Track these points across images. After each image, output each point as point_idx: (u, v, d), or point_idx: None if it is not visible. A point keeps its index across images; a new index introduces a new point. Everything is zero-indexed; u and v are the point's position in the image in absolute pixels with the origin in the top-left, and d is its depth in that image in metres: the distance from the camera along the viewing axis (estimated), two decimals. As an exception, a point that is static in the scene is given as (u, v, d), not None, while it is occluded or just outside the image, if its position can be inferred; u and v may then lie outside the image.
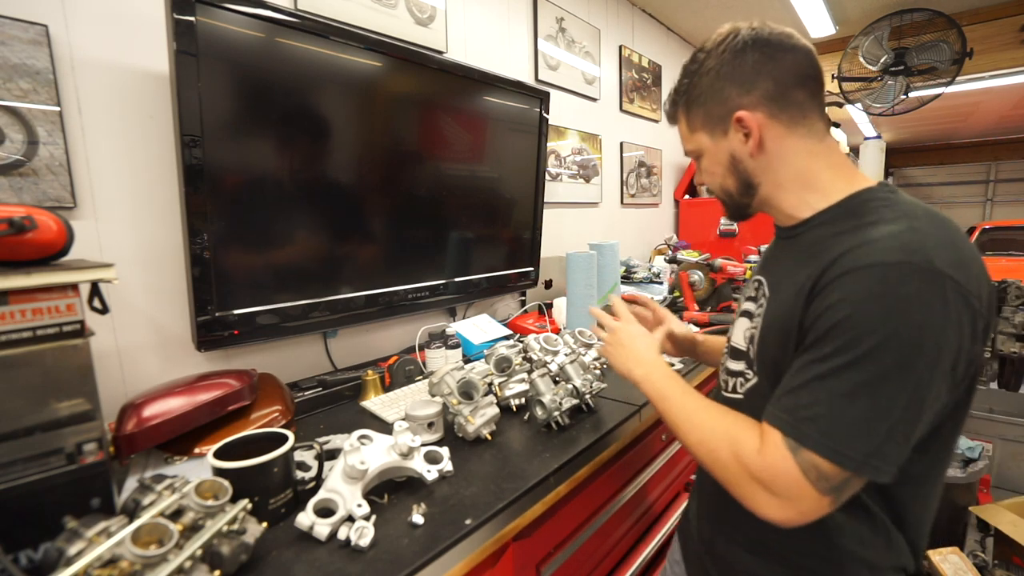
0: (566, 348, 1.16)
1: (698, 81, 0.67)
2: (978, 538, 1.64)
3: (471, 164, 1.54)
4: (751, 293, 0.73)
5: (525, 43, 1.98)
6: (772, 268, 0.70)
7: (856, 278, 0.52)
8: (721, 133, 0.67)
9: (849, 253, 0.54)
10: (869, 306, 0.50)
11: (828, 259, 0.56)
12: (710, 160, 0.70)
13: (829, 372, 0.52)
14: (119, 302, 0.99)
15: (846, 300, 0.51)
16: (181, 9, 0.88)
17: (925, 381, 0.49)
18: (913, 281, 0.49)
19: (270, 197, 1.08)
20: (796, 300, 0.58)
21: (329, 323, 1.23)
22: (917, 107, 2.92)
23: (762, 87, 0.63)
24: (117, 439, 0.75)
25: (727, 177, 0.69)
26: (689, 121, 0.71)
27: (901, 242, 0.52)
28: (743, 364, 0.70)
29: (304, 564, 0.61)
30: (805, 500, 0.52)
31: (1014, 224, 5.90)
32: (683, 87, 0.70)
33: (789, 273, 0.63)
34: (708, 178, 0.72)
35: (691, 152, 0.73)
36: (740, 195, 0.70)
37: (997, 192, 8.65)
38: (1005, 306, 1.90)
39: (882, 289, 0.50)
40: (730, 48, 0.64)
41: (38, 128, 0.88)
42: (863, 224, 0.57)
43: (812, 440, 0.51)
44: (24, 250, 0.59)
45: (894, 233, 0.53)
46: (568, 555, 0.91)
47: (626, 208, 2.73)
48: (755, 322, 0.68)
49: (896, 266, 0.50)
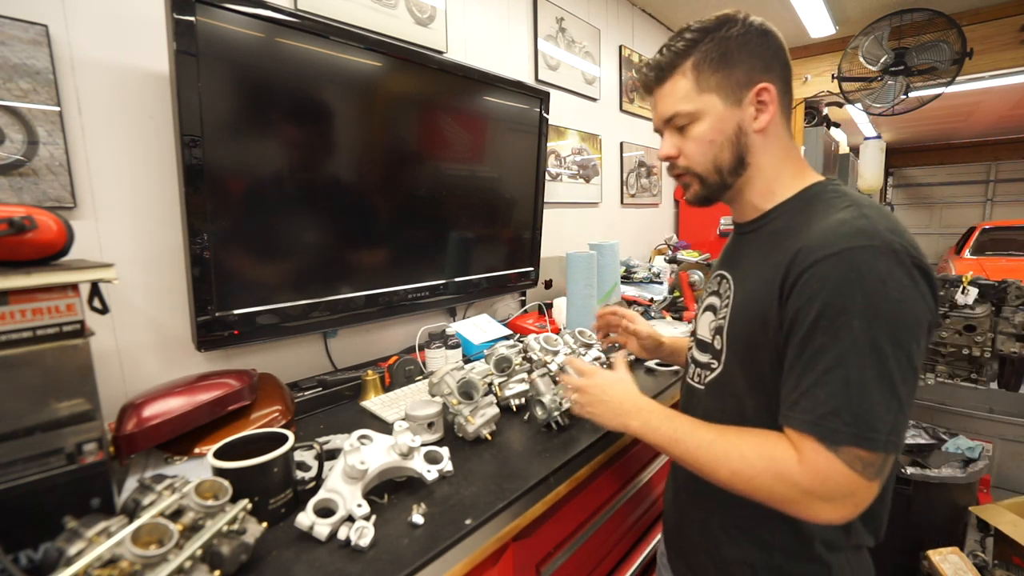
0: (566, 348, 1.16)
1: (722, 43, 0.64)
2: (978, 538, 1.64)
3: (471, 164, 1.54)
4: (714, 288, 0.76)
5: (525, 43, 1.98)
6: (734, 262, 0.73)
7: (828, 266, 0.54)
8: (736, 101, 0.66)
9: (812, 241, 0.57)
10: (849, 291, 0.53)
11: (793, 248, 0.59)
12: (712, 127, 0.66)
13: (834, 363, 0.53)
14: (119, 302, 0.99)
15: (824, 289, 0.54)
16: (181, 9, 0.88)
17: (914, 351, 0.53)
18: (880, 262, 0.52)
19: (270, 197, 1.08)
20: (767, 289, 0.61)
21: (329, 323, 1.23)
22: (917, 107, 2.92)
23: (777, 71, 0.66)
24: (117, 439, 0.75)
25: (725, 148, 0.67)
26: (700, 80, 0.66)
27: (857, 227, 0.55)
28: (709, 355, 0.73)
29: (304, 564, 0.61)
30: (859, 491, 0.53)
31: (1014, 224, 5.90)
32: (692, 42, 0.65)
33: (754, 265, 0.67)
34: (699, 147, 0.67)
35: (686, 115, 0.67)
36: (729, 172, 0.68)
37: (997, 192, 8.65)
38: (1005, 306, 1.90)
39: (856, 274, 0.53)
40: (754, 26, 0.66)
41: (38, 128, 0.88)
42: (819, 213, 0.61)
43: (845, 435, 0.52)
44: (24, 250, 0.59)
45: (847, 219, 0.57)
46: (568, 555, 0.90)
47: (626, 208, 2.73)
48: (721, 314, 0.70)
49: (861, 250, 0.53)
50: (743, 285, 0.68)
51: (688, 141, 0.69)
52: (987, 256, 5.37)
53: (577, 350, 1.16)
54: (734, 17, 0.66)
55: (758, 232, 0.70)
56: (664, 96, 0.69)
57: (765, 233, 0.68)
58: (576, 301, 1.58)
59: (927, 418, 2.10)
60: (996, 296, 1.92)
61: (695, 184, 0.71)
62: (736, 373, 0.68)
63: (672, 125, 0.70)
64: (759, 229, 0.70)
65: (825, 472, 0.53)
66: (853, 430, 0.52)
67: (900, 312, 0.52)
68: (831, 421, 0.53)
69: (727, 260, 0.76)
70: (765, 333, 0.62)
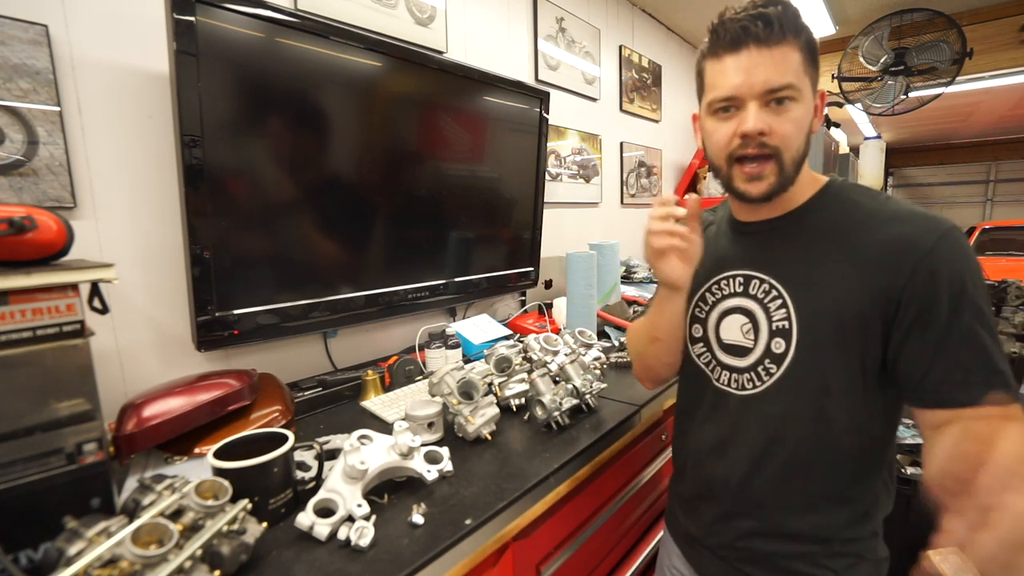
0: (566, 348, 1.16)
1: (810, 33, 0.62)
2: (978, 538, 1.64)
3: (471, 164, 1.54)
4: (734, 290, 0.73)
5: (525, 43, 1.98)
6: (767, 262, 0.70)
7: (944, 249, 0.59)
8: (812, 96, 0.64)
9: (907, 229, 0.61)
10: (964, 269, 0.59)
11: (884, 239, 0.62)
12: (807, 113, 0.63)
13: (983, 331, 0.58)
14: (119, 302, 0.99)
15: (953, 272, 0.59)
16: (181, 9, 0.88)
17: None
18: (965, 240, 0.61)
19: (270, 197, 1.08)
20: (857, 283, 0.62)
21: (329, 323, 1.23)
22: (917, 107, 2.92)
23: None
24: (117, 439, 0.75)
25: (805, 140, 0.64)
26: (805, 63, 0.62)
27: (922, 213, 0.63)
28: (752, 359, 0.70)
29: (304, 564, 0.61)
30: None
31: (1014, 224, 5.90)
32: (802, 24, 0.62)
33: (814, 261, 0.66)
34: (795, 129, 0.62)
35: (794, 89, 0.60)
36: (798, 166, 0.65)
37: (997, 192, 8.65)
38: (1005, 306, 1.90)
39: (963, 252, 0.60)
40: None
41: (38, 128, 0.88)
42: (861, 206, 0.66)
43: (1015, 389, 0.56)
44: (24, 250, 0.59)
45: (909, 208, 0.64)
46: (568, 555, 0.90)
47: (626, 208, 2.73)
48: (778, 316, 0.67)
49: (952, 230, 0.61)
50: (806, 284, 0.66)
51: (785, 121, 0.61)
52: (987, 256, 5.37)
53: (577, 350, 1.16)
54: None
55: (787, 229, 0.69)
56: (777, 61, 0.60)
57: (807, 229, 0.68)
58: (576, 301, 1.58)
59: (927, 418, 2.09)
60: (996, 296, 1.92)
61: (772, 174, 0.63)
62: (812, 374, 0.65)
63: (772, 97, 0.61)
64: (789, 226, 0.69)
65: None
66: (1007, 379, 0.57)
67: (983, 279, 0.61)
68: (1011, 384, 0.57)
69: (745, 260, 0.72)
70: (861, 324, 0.62)
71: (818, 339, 0.65)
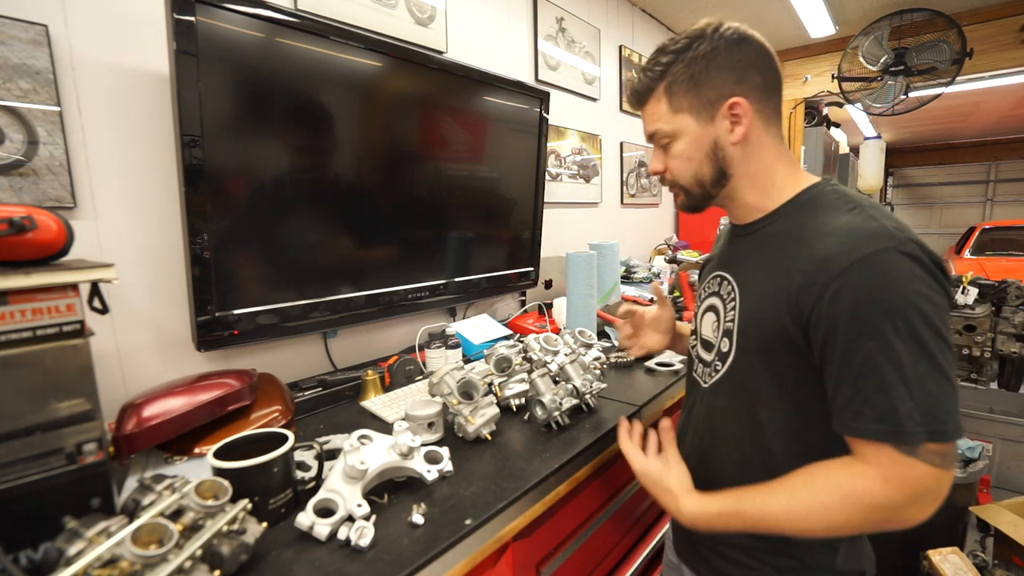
0: (566, 348, 1.16)
1: (691, 63, 0.66)
2: (978, 538, 1.64)
3: (471, 164, 1.54)
4: (713, 289, 0.77)
5: (525, 43, 1.98)
6: (735, 264, 0.74)
7: (856, 273, 0.55)
8: (708, 118, 0.68)
9: (831, 248, 0.58)
10: (884, 294, 0.54)
11: (802, 255, 0.60)
12: (690, 144, 0.69)
13: (888, 366, 0.54)
14: (119, 302, 0.99)
15: (860, 296, 0.55)
16: (181, 9, 0.88)
17: (949, 337, 0.55)
18: (902, 261, 0.55)
19: (270, 197, 1.08)
20: (781, 294, 0.62)
21: (329, 323, 1.23)
22: (917, 107, 2.92)
23: (753, 80, 0.66)
24: (117, 439, 0.75)
25: (704, 164, 0.69)
26: (673, 101, 0.69)
27: (871, 230, 0.57)
28: (713, 355, 0.74)
29: (304, 564, 0.61)
30: (942, 484, 0.55)
31: (1014, 224, 5.91)
32: (666, 66, 0.68)
33: (760, 268, 0.67)
34: (680, 164, 0.71)
35: (665, 135, 0.70)
36: (711, 184, 0.71)
37: (997, 192, 8.65)
38: (1005, 306, 1.90)
39: (885, 276, 0.54)
40: (726, 37, 0.66)
41: (38, 128, 0.88)
42: (823, 215, 0.62)
43: (919, 434, 0.53)
44: (24, 250, 0.59)
45: (858, 223, 0.58)
46: (568, 555, 0.90)
47: (626, 208, 2.73)
48: (727, 317, 0.71)
49: (883, 252, 0.55)
50: (750, 288, 0.68)
51: (671, 158, 0.72)
52: (987, 256, 5.38)
53: (577, 350, 1.16)
54: (703, 33, 0.67)
55: (756, 235, 0.70)
56: (646, 116, 0.73)
57: (765, 235, 0.69)
58: (576, 301, 1.58)
59: (927, 418, 2.09)
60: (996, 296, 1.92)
61: (681, 195, 0.75)
62: (746, 374, 0.68)
63: (656, 143, 0.74)
64: (757, 231, 0.70)
65: (911, 479, 0.54)
66: (925, 428, 0.52)
67: (931, 306, 0.54)
68: (903, 425, 0.53)
69: (725, 261, 0.77)
70: (784, 337, 0.62)
71: (749, 344, 0.67)
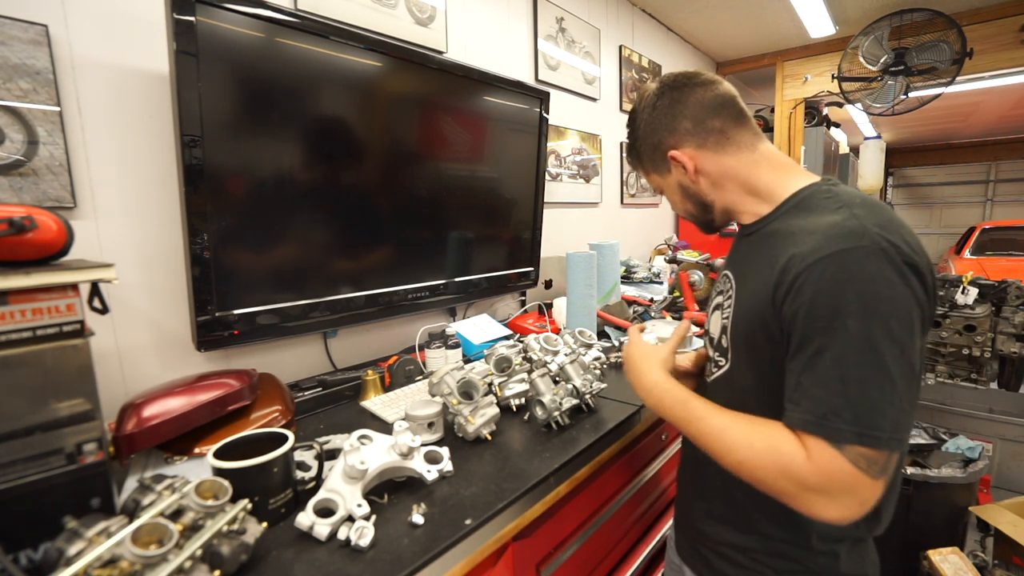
0: (566, 348, 1.16)
1: (637, 136, 0.80)
2: (978, 538, 1.64)
3: (471, 164, 1.54)
4: (721, 287, 0.79)
5: (525, 43, 1.98)
6: (736, 263, 0.76)
7: (819, 269, 0.56)
8: (667, 170, 0.78)
9: (804, 246, 0.59)
10: (841, 292, 0.54)
11: (784, 252, 0.61)
12: (669, 193, 0.82)
13: (832, 362, 0.54)
14: (119, 302, 0.99)
15: (819, 292, 0.56)
16: (181, 9, 0.88)
17: (909, 347, 0.54)
18: (869, 261, 0.54)
19: (270, 197, 1.08)
20: (763, 291, 0.63)
21: (329, 323, 1.23)
22: (917, 107, 2.92)
23: (682, 126, 0.74)
24: (117, 439, 0.75)
25: (686, 203, 0.80)
26: (643, 168, 0.83)
27: (847, 229, 0.57)
28: (718, 353, 0.76)
29: (304, 564, 0.61)
30: (863, 489, 0.54)
31: (1014, 224, 5.90)
32: (630, 143, 0.83)
33: (752, 266, 0.69)
34: (673, 205, 0.84)
35: (657, 189, 0.84)
36: (701, 214, 0.80)
37: (997, 192, 8.64)
38: (1005, 306, 1.90)
39: (846, 275, 0.54)
40: (649, 102, 0.76)
41: (38, 128, 0.88)
42: (811, 216, 0.63)
43: (848, 433, 0.53)
44: (24, 250, 0.59)
45: (837, 222, 0.58)
46: (568, 555, 0.90)
47: (626, 208, 2.73)
48: (726, 313, 0.73)
49: (851, 251, 0.55)
50: (743, 286, 0.71)
51: (669, 203, 0.86)
52: (987, 256, 5.37)
53: (577, 350, 1.16)
54: (635, 108, 0.79)
55: (756, 235, 0.72)
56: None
57: (762, 235, 0.71)
58: (576, 301, 1.58)
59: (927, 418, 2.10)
60: (996, 296, 1.92)
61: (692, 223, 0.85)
62: (740, 370, 0.70)
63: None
64: (755, 233, 0.73)
65: (830, 470, 0.53)
66: (855, 428, 0.53)
67: (892, 309, 0.53)
68: (833, 420, 0.53)
69: (730, 261, 0.80)
70: (764, 332, 0.63)
71: (739, 340, 0.69)
